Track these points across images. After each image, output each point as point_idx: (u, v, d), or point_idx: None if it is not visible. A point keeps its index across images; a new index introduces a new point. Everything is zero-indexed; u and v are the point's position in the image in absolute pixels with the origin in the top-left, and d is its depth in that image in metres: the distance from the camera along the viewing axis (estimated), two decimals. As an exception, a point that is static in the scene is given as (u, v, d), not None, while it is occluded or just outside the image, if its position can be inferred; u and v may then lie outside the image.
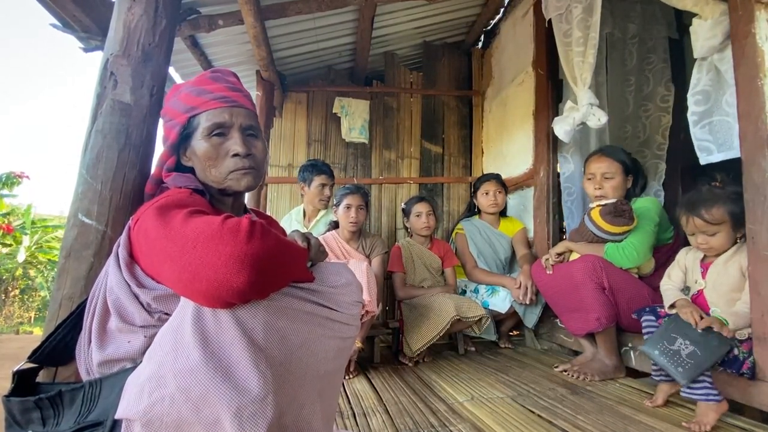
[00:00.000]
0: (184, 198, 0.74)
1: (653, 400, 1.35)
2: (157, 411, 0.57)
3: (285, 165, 3.18)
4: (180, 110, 0.86)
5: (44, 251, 6.40)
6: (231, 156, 0.84)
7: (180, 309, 0.63)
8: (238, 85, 0.90)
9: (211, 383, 0.56)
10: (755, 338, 1.18)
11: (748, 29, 1.21)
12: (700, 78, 1.44)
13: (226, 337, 0.59)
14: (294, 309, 0.66)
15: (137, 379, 0.61)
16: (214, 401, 0.56)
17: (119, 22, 1.09)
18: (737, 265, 1.26)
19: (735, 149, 1.32)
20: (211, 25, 2.13)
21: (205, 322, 0.59)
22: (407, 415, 1.32)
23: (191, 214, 0.66)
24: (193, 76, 0.95)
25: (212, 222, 0.61)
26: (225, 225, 0.60)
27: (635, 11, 2.47)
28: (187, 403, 0.57)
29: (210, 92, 0.85)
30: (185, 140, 0.87)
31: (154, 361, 0.60)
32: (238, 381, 0.57)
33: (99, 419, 0.65)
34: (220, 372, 0.57)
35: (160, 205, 0.70)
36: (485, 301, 2.25)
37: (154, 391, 0.58)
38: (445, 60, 3.43)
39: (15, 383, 0.73)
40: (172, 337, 0.60)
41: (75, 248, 0.95)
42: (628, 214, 1.60)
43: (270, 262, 0.60)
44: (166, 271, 0.63)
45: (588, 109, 1.88)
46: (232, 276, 0.57)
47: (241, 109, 0.87)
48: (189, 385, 0.57)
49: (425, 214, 2.31)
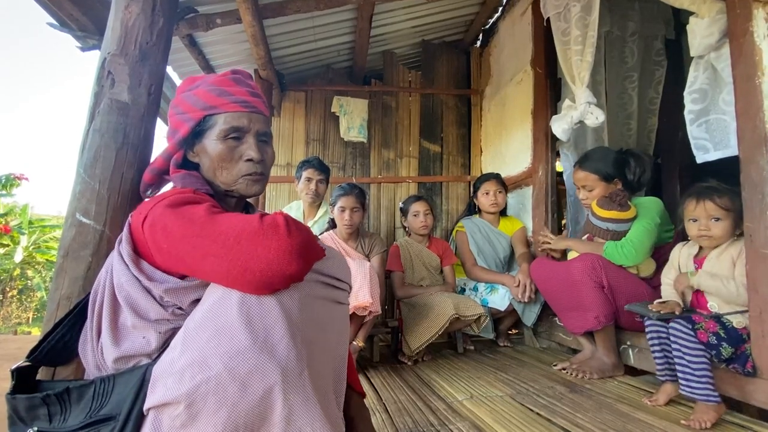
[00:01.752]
0: (193, 195, 0.76)
1: (654, 398, 1.35)
2: (202, 391, 0.60)
3: (284, 164, 3.18)
4: (197, 106, 0.85)
5: (42, 251, 6.38)
6: (245, 160, 0.85)
7: (215, 300, 0.66)
8: (257, 90, 0.91)
9: (258, 360, 0.61)
10: (753, 335, 1.18)
11: (746, 27, 1.22)
12: (697, 76, 1.44)
13: (270, 317, 0.64)
14: (314, 291, 0.71)
15: (171, 368, 0.63)
16: (261, 377, 0.61)
17: (116, 21, 1.08)
18: (729, 257, 1.28)
19: (732, 148, 1.33)
20: (209, 23, 2.13)
21: (250, 306, 0.64)
22: (406, 413, 1.32)
23: (212, 211, 0.70)
24: (190, 76, 0.94)
25: (251, 220, 0.67)
26: (265, 221, 0.66)
27: (634, 9, 2.47)
28: (234, 381, 0.60)
29: (231, 94, 0.85)
30: (196, 136, 0.87)
31: (194, 348, 0.63)
32: (281, 357, 0.62)
33: (112, 413, 0.66)
34: (266, 350, 0.62)
35: (171, 203, 0.71)
36: (484, 299, 2.26)
37: (197, 374, 0.60)
38: (443, 59, 3.43)
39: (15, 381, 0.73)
40: (211, 324, 0.64)
41: (73, 248, 0.95)
42: (620, 200, 1.64)
43: (308, 249, 0.68)
44: (209, 266, 0.66)
45: (586, 108, 1.89)
46: (284, 266, 0.64)
47: (260, 116, 0.88)
48: (236, 364, 0.60)
49: (423, 213, 2.31)
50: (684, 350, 1.23)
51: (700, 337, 1.22)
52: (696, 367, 1.20)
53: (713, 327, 1.22)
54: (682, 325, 1.25)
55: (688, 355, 1.21)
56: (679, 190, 2.72)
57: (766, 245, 1.15)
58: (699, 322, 1.23)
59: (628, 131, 2.50)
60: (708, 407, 1.17)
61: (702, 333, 1.22)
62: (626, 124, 2.51)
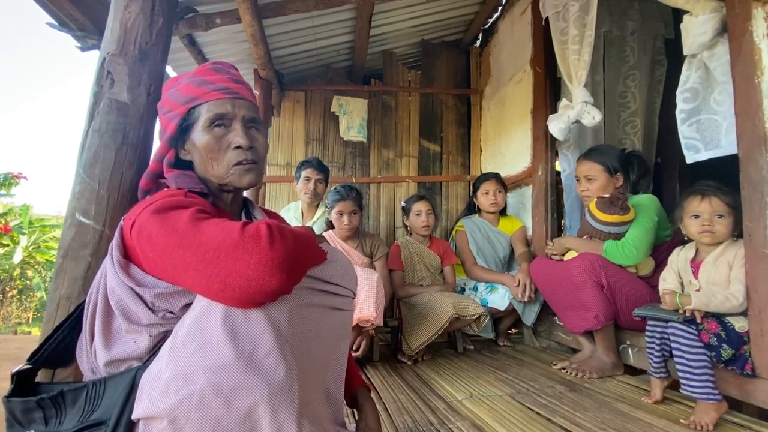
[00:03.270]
0: (181, 199, 0.73)
1: (651, 396, 1.35)
2: (185, 407, 0.58)
3: (283, 164, 3.18)
4: (179, 101, 0.84)
5: (42, 251, 6.37)
6: (233, 148, 0.82)
7: (201, 311, 0.63)
8: (239, 77, 0.89)
9: (244, 376, 0.58)
10: (752, 334, 1.18)
11: (745, 27, 1.22)
12: (689, 75, 1.44)
13: (257, 330, 0.61)
14: (308, 299, 0.68)
15: (157, 380, 0.61)
16: (246, 393, 0.58)
17: (116, 21, 1.08)
18: (725, 261, 1.28)
19: (722, 148, 1.33)
20: (208, 23, 2.13)
21: (235, 319, 0.61)
22: (406, 413, 1.32)
23: (197, 218, 0.66)
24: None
25: (231, 230, 0.62)
26: (245, 233, 0.62)
27: (633, 9, 2.47)
28: (218, 397, 0.58)
29: (211, 83, 0.83)
30: (184, 133, 0.85)
31: (179, 361, 0.61)
32: (268, 372, 0.59)
33: (102, 418, 0.65)
34: (251, 365, 0.59)
35: (157, 209, 0.68)
36: (484, 299, 2.26)
37: (181, 388, 0.59)
38: (443, 58, 3.43)
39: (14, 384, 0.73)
40: (197, 336, 0.61)
41: (73, 248, 0.95)
42: (621, 204, 1.63)
43: (294, 260, 0.63)
44: (191, 280, 0.64)
45: (582, 107, 1.89)
46: (264, 281, 0.60)
47: (244, 101, 0.85)
48: (220, 380, 0.58)
49: (425, 213, 2.31)
50: (684, 349, 1.23)
51: (702, 338, 1.22)
52: (696, 366, 1.20)
53: (714, 328, 1.22)
54: (683, 325, 1.25)
55: (689, 354, 1.21)
56: (678, 190, 2.72)
57: (765, 245, 1.15)
58: (702, 323, 1.23)
59: (633, 129, 2.49)
60: (709, 406, 1.17)
61: (704, 334, 1.22)
62: (630, 122, 2.50)
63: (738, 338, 1.20)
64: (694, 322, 1.24)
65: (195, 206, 0.70)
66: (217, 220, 0.67)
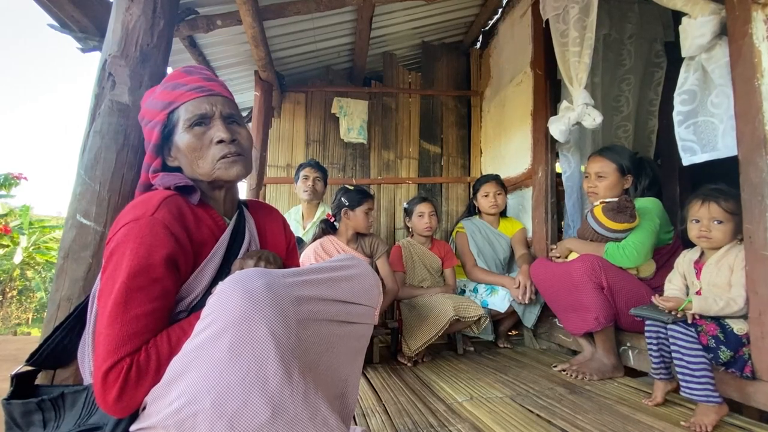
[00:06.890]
0: (145, 234, 0.70)
1: (652, 398, 1.35)
2: (188, 426, 0.58)
3: (284, 165, 3.18)
4: (158, 108, 0.84)
5: (42, 252, 6.37)
6: (215, 143, 0.82)
7: (212, 332, 0.62)
8: (212, 75, 0.89)
9: (247, 397, 0.58)
10: (752, 337, 1.18)
11: (745, 30, 1.22)
12: (687, 77, 1.45)
13: (262, 351, 0.60)
14: (321, 314, 0.68)
15: (163, 397, 0.61)
16: (250, 415, 0.58)
17: (117, 23, 1.08)
18: (727, 264, 1.28)
19: (719, 150, 1.33)
20: (209, 25, 2.13)
21: (242, 340, 0.60)
22: (406, 415, 1.32)
23: (135, 287, 0.66)
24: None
25: (108, 357, 0.63)
26: (107, 378, 0.62)
27: (633, 12, 2.48)
28: (221, 419, 0.58)
29: (185, 84, 0.84)
30: (167, 138, 0.85)
31: (187, 378, 0.60)
32: (272, 394, 0.59)
33: (98, 423, 0.66)
34: (256, 387, 0.59)
35: (113, 251, 0.69)
36: (484, 301, 2.26)
37: (184, 407, 0.58)
38: (443, 60, 3.43)
39: (14, 386, 0.73)
40: (206, 356, 0.60)
41: (73, 249, 0.95)
42: (630, 212, 1.61)
43: (138, 402, 0.64)
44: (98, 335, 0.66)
45: (583, 109, 1.89)
46: (112, 413, 0.64)
47: (219, 98, 0.85)
48: (224, 401, 0.58)
49: (427, 215, 2.31)
50: (683, 351, 1.23)
51: (701, 340, 1.22)
52: (696, 368, 1.20)
53: (713, 330, 1.22)
54: (683, 327, 1.25)
55: (688, 356, 1.21)
56: (678, 191, 2.72)
57: (765, 247, 1.15)
58: (700, 325, 1.24)
59: (625, 133, 2.50)
60: (709, 408, 1.17)
61: (703, 336, 1.22)
62: (622, 126, 2.51)
63: (736, 340, 1.20)
64: (694, 324, 1.24)
65: (156, 244, 0.69)
66: (137, 305, 0.66)
